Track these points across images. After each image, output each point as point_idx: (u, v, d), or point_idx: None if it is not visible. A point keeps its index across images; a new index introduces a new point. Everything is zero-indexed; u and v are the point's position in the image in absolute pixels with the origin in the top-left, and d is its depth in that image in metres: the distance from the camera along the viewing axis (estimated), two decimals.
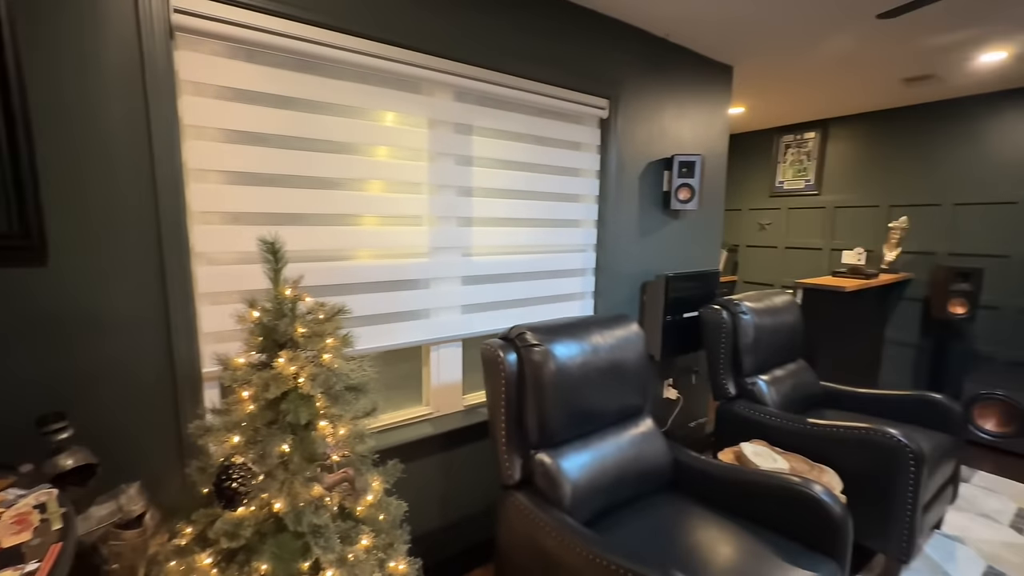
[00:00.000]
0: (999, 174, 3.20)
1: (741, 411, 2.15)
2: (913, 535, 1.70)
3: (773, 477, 1.49)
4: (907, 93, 3.28)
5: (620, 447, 1.56)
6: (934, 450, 1.89)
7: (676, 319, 2.46)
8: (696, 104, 2.61)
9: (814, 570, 1.26)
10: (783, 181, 4.35)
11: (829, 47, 2.46)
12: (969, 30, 2.24)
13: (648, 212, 2.46)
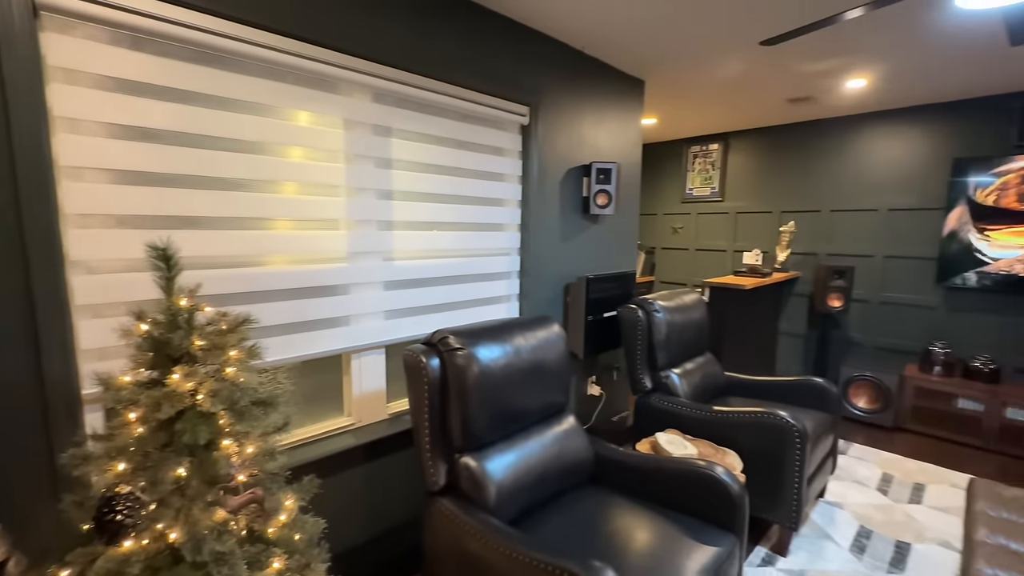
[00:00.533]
0: (864, 185, 3.70)
1: (656, 403, 2.29)
2: (801, 505, 1.92)
3: (683, 463, 1.61)
4: (791, 112, 3.69)
5: (544, 445, 1.61)
6: (816, 428, 2.13)
7: (597, 319, 2.58)
8: (612, 114, 2.76)
9: (717, 545, 1.38)
10: (692, 188, 4.71)
11: (725, 68, 2.71)
12: (837, 59, 2.57)
13: (569, 216, 2.56)
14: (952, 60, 2.55)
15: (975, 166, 3.14)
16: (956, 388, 3.06)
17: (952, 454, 2.93)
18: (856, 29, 2.18)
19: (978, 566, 1.33)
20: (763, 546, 2.04)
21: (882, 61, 2.59)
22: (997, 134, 3.14)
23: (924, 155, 3.42)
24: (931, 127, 3.39)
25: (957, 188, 3.21)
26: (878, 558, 1.98)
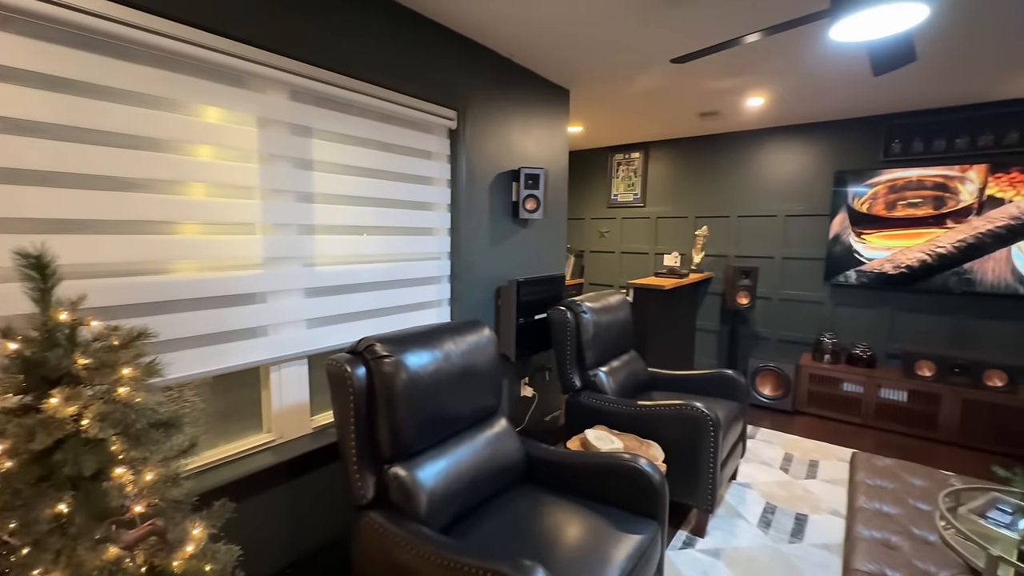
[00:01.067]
0: (764, 193, 4.09)
1: (585, 401, 2.38)
2: (716, 488, 2.07)
3: (609, 457, 1.68)
4: (703, 125, 4.00)
5: (475, 449, 1.61)
6: (728, 416, 2.32)
7: (528, 321, 2.63)
8: (539, 121, 2.83)
9: (641, 533, 1.46)
10: (617, 194, 4.94)
11: (642, 82, 2.88)
12: (739, 78, 2.83)
13: (499, 221, 2.59)
14: (831, 84, 2.89)
15: (852, 178, 3.58)
16: (842, 374, 3.46)
17: (840, 432, 3.31)
18: (754, 53, 2.41)
19: (858, 529, 1.52)
20: (684, 530, 2.18)
21: (775, 82, 2.88)
22: (868, 150, 3.61)
23: (812, 167, 3.85)
24: (817, 143, 3.82)
25: (839, 197, 3.64)
26: (781, 530, 2.19)
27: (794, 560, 1.98)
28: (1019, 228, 3.07)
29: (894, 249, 3.47)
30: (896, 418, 3.28)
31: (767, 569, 1.93)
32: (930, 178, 3.31)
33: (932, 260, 3.34)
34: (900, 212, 3.43)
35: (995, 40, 2.24)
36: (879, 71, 1.85)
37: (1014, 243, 3.09)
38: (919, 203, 3.36)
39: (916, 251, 3.39)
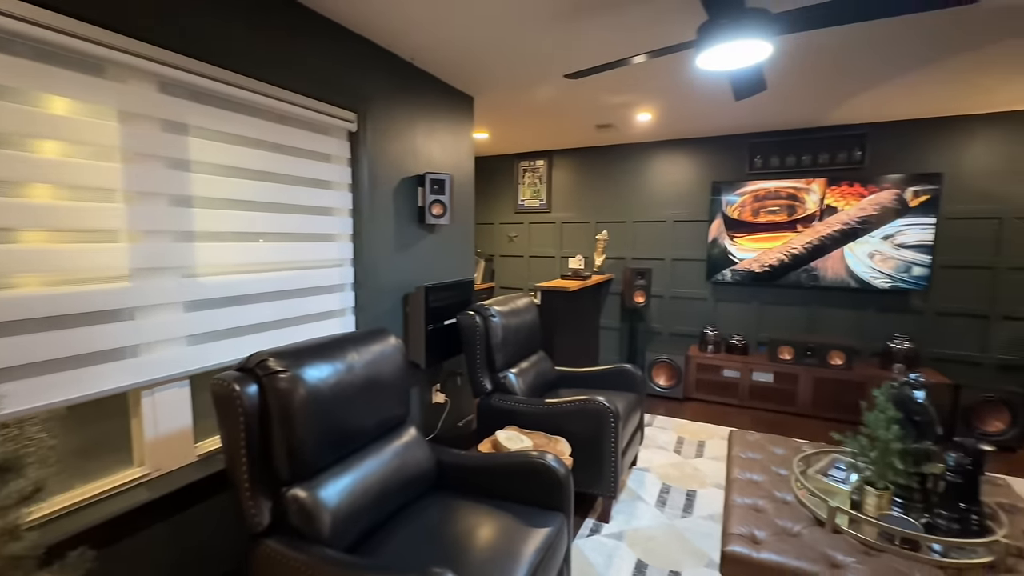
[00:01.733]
0: (656, 200, 4.48)
1: (496, 403, 2.42)
2: (617, 475, 2.23)
3: (518, 456, 1.73)
4: (600, 136, 4.28)
5: (383, 462, 1.57)
6: (627, 407, 2.50)
7: (438, 327, 2.61)
8: (444, 127, 2.83)
9: (548, 525, 1.52)
10: (524, 200, 5.10)
11: (542, 93, 3.01)
12: (629, 95, 3.07)
13: (405, 226, 2.55)
14: (705, 105, 3.26)
15: (725, 188, 4.06)
16: (722, 361, 3.90)
17: (723, 413, 3.73)
18: (641, 73, 2.64)
19: (733, 498, 1.72)
20: (591, 518, 2.31)
21: (660, 100, 3.17)
22: (737, 164, 4.11)
23: (694, 178, 4.29)
24: (697, 156, 4.27)
25: (715, 204, 4.10)
26: (675, 507, 2.41)
27: (685, 533, 2.20)
28: (849, 232, 3.70)
29: (759, 250, 3.98)
30: (765, 397, 3.77)
31: (663, 544, 2.11)
32: (784, 189, 3.86)
33: (788, 259, 3.89)
34: (763, 218, 3.95)
35: (824, 77, 2.69)
36: (739, 96, 2.12)
37: (845, 245, 3.71)
38: (777, 210, 3.90)
39: (776, 252, 3.93)
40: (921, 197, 3.47)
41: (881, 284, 3.63)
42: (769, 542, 1.47)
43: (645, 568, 1.96)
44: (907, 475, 1.51)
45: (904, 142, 3.61)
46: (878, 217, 3.60)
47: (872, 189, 3.60)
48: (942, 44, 2.25)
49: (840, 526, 1.51)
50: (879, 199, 3.60)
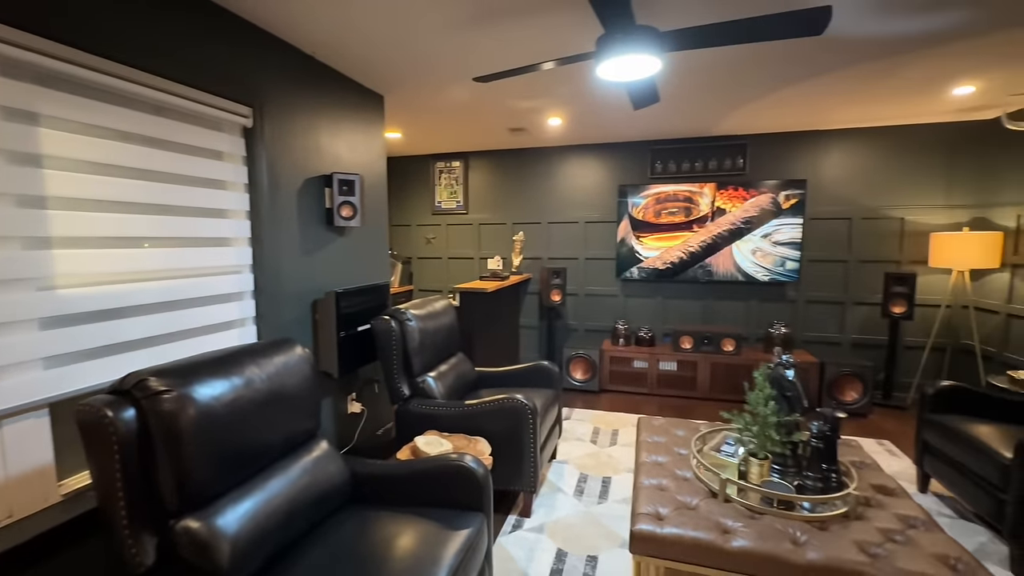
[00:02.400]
0: (569, 202, 4.66)
1: (415, 408, 2.38)
2: (537, 470, 2.29)
3: (436, 460, 1.72)
4: (514, 139, 4.36)
5: (290, 479, 1.47)
6: (545, 403, 2.58)
7: (351, 334, 2.51)
8: (352, 125, 2.72)
9: (468, 527, 1.53)
10: (441, 201, 5.05)
11: (453, 95, 3.01)
12: (540, 100, 3.17)
13: (312, 229, 2.41)
14: (610, 113, 3.45)
15: (631, 190, 4.33)
16: (632, 353, 4.16)
17: (634, 402, 3.98)
18: (549, 79, 2.73)
19: (640, 480, 1.85)
20: (513, 514, 2.35)
21: (568, 106, 3.31)
22: (640, 169, 4.41)
23: (603, 181, 4.53)
24: (605, 160, 4.51)
25: (622, 206, 4.37)
26: (592, 495, 2.53)
27: (601, 518, 2.31)
28: (736, 231, 4.12)
29: (662, 249, 4.30)
30: (671, 384, 4.08)
31: (581, 531, 2.21)
32: (681, 192, 4.21)
33: (686, 257, 4.25)
34: (664, 219, 4.28)
35: (710, 92, 2.97)
36: (636, 106, 2.28)
37: (733, 243, 4.14)
38: (675, 212, 4.25)
39: (676, 250, 4.28)
40: (791, 200, 3.97)
41: (762, 277, 4.09)
42: (671, 517, 1.59)
43: (565, 556, 2.03)
44: (781, 444, 1.72)
45: (777, 152, 4.10)
46: (758, 218, 4.06)
47: (753, 193, 4.05)
48: (799, 68, 2.58)
49: (730, 496, 1.68)
50: (759, 202, 4.05)
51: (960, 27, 2.08)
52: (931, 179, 3.80)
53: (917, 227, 3.86)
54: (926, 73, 2.66)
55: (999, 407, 2.39)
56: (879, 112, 3.47)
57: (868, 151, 3.91)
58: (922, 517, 1.58)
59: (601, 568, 1.96)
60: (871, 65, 2.54)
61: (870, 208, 3.94)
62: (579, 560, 2.01)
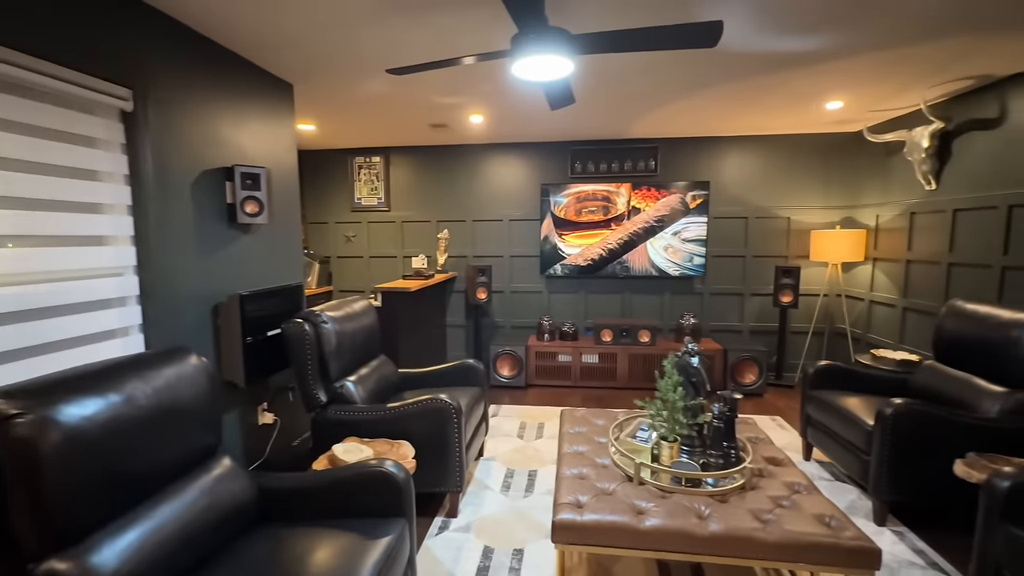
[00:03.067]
0: (493, 200, 4.68)
1: (333, 415, 2.26)
2: (463, 469, 2.28)
3: (355, 467, 1.65)
4: (436, 135, 4.29)
5: (185, 503, 1.34)
6: (470, 401, 2.57)
7: (259, 339, 2.33)
8: (258, 115, 2.52)
9: (388, 534, 1.48)
10: (361, 198, 4.85)
11: (369, 88, 2.89)
12: (460, 96, 3.14)
13: (211, 226, 2.20)
14: (530, 112, 3.51)
15: (553, 189, 4.44)
16: (557, 348, 4.27)
17: (559, 395, 4.09)
18: (468, 76, 2.71)
19: (563, 470, 1.91)
20: (440, 515, 2.32)
21: (489, 104, 3.31)
22: (561, 168, 4.53)
23: (526, 179, 4.60)
24: (528, 159, 4.58)
25: (545, 205, 4.47)
26: (518, 489, 2.56)
27: (527, 511, 2.35)
28: (649, 229, 4.38)
29: (583, 246, 4.46)
30: (593, 376, 4.25)
31: (508, 526, 2.23)
32: (600, 192, 4.39)
33: (605, 254, 4.44)
34: (584, 217, 4.43)
35: (624, 96, 3.12)
36: (553, 107, 2.33)
37: (647, 240, 4.39)
38: (595, 211, 4.42)
39: (596, 247, 4.45)
40: (697, 200, 4.29)
41: (674, 272, 4.39)
42: (590, 504, 1.66)
43: (491, 553, 2.04)
44: (688, 427, 1.86)
45: (685, 155, 4.41)
46: (669, 216, 4.34)
47: (664, 193, 4.32)
48: (700, 77, 2.79)
49: (644, 478, 1.78)
50: (669, 202, 4.33)
51: (831, 50, 2.37)
52: (811, 183, 4.30)
53: (800, 225, 4.34)
54: (805, 89, 2.99)
55: (865, 381, 2.76)
56: (768, 122, 3.85)
57: (760, 157, 4.33)
58: (804, 483, 1.78)
59: (527, 560, 1.99)
60: (760, 79, 2.81)
61: (762, 208, 4.37)
62: (505, 555, 2.03)
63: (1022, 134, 2.68)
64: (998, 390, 2.21)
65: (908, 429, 2.12)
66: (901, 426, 2.12)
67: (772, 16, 2.00)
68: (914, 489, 2.15)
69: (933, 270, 3.30)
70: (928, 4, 1.90)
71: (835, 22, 2.06)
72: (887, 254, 3.79)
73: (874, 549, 1.45)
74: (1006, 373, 2.20)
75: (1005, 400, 2.15)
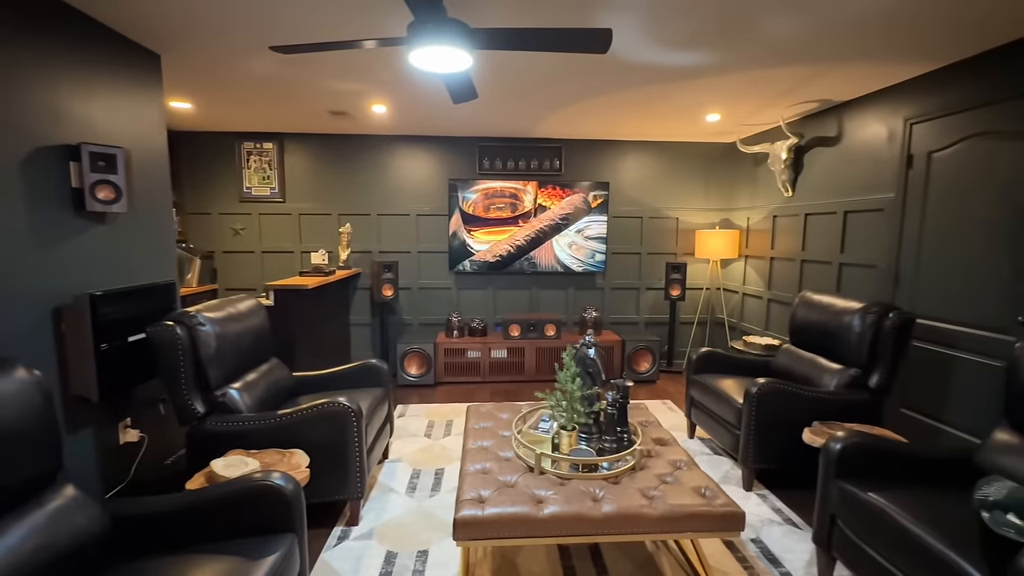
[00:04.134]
0: (399, 194, 4.53)
1: (213, 427, 2.04)
2: (364, 474, 2.18)
3: (236, 483, 1.49)
4: (337, 123, 4.05)
5: (8, 547, 1.11)
6: (372, 403, 2.47)
7: (119, 345, 2.03)
8: (113, 87, 2.18)
9: (273, 552, 1.36)
10: (250, 187, 4.43)
11: (255, 66, 2.64)
12: (357, 84, 2.98)
13: (51, 214, 1.86)
14: (435, 105, 3.44)
15: (461, 185, 4.41)
16: (466, 344, 4.26)
17: (469, 392, 4.09)
18: (366, 62, 2.58)
19: (467, 466, 1.90)
20: (340, 525, 2.20)
21: (391, 94, 3.19)
22: (469, 164, 4.52)
23: (433, 173, 4.52)
24: (435, 153, 4.50)
25: (453, 200, 4.43)
26: (424, 489, 2.51)
27: (433, 510, 2.32)
28: (555, 227, 4.53)
29: (492, 242, 4.49)
30: (502, 371, 4.31)
31: (413, 528, 2.18)
32: (508, 189, 4.45)
33: (513, 250, 4.52)
34: (493, 214, 4.47)
35: (527, 95, 3.18)
36: (455, 100, 2.31)
37: (553, 237, 4.54)
38: (503, 207, 4.47)
39: (504, 244, 4.51)
40: (598, 200, 4.52)
41: (577, 268, 4.59)
42: (492, 498, 1.67)
43: (395, 557, 1.98)
44: (586, 415, 1.95)
45: (587, 156, 4.62)
46: (573, 215, 4.53)
47: (568, 192, 4.49)
48: (597, 82, 2.94)
49: (545, 468, 1.84)
50: (573, 200, 4.52)
51: (706, 67, 2.61)
52: (695, 187, 4.73)
53: (687, 225, 4.77)
54: (688, 101, 3.28)
55: (738, 365, 3.11)
56: (659, 129, 4.17)
57: (654, 161, 4.67)
58: (686, 459, 1.95)
59: (432, 560, 1.96)
60: (649, 89, 3.02)
61: (655, 208, 4.73)
62: (409, 558, 1.98)
63: (854, 151, 3.18)
64: (835, 367, 2.61)
65: (769, 405, 2.42)
66: (763, 403, 2.42)
67: (654, 32, 2.15)
68: (775, 457, 2.46)
69: (790, 266, 3.81)
70: (781, 34, 2.17)
71: (707, 42, 2.27)
72: (756, 252, 4.30)
73: (739, 513, 1.63)
74: (841, 353, 2.61)
75: (840, 376, 2.55)
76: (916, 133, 2.72)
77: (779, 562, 1.96)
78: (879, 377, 2.46)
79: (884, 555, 1.55)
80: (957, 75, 2.48)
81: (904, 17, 1.99)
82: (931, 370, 2.63)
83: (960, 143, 2.47)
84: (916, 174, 2.72)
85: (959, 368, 2.48)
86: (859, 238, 3.13)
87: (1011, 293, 2.23)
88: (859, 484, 1.69)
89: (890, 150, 2.89)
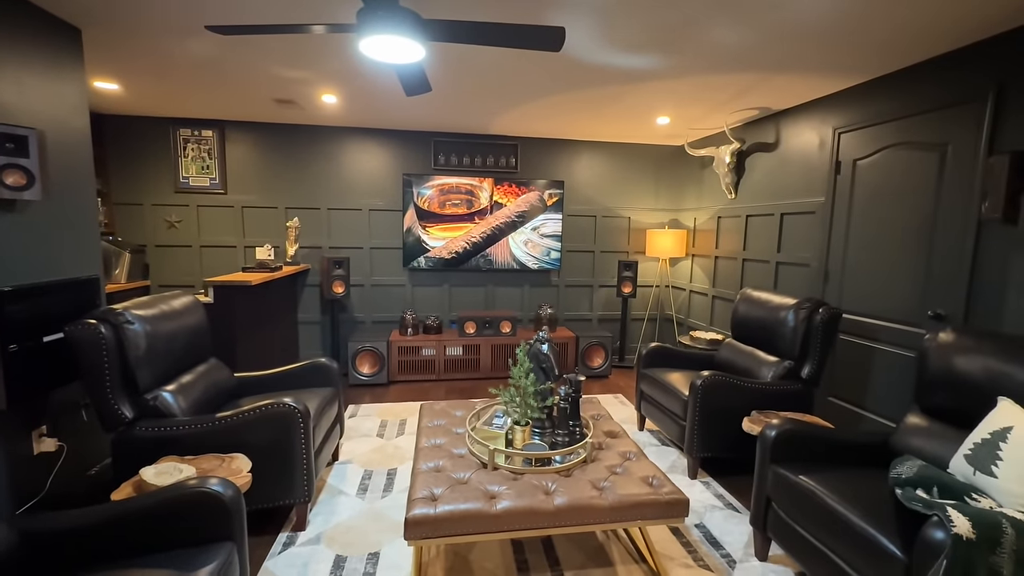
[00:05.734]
0: (351, 188, 4.39)
1: (143, 433, 1.90)
2: (312, 477, 2.10)
3: (166, 492, 1.40)
4: (283, 113, 3.86)
5: None
6: (321, 403, 2.38)
7: (32, 346, 1.85)
8: (24, 62, 1.98)
9: (210, 563, 1.29)
10: (188, 177, 4.15)
11: (192, 47, 2.47)
12: (304, 72, 2.86)
13: None
14: (388, 97, 3.35)
15: (416, 180, 4.33)
16: (420, 342, 4.20)
17: (423, 390, 4.03)
18: (314, 49, 2.47)
19: (419, 465, 1.87)
20: (285, 531, 2.11)
21: (341, 84, 3.08)
22: (424, 159, 4.45)
23: (387, 168, 4.41)
24: (389, 147, 4.39)
25: (408, 196, 4.34)
26: (376, 490, 2.46)
27: (384, 511, 2.27)
28: (511, 224, 4.54)
29: (448, 239, 4.45)
30: (457, 368, 4.28)
31: (363, 530, 2.12)
32: (464, 185, 4.41)
33: (469, 247, 4.49)
34: (448, 210, 4.42)
35: (482, 91, 3.17)
36: (408, 93, 2.26)
37: (509, 234, 4.55)
38: (459, 204, 4.43)
39: (461, 240, 4.47)
40: (554, 198, 4.57)
41: (533, 265, 4.62)
42: (445, 496, 1.65)
43: (344, 561, 1.92)
44: (539, 410, 1.97)
45: (542, 154, 4.65)
46: (529, 212, 4.55)
47: (524, 190, 4.51)
48: (552, 83, 2.96)
49: (498, 463, 1.84)
50: (529, 198, 4.54)
51: (656, 71, 2.69)
52: (646, 188, 4.88)
53: (639, 225, 4.91)
54: (638, 103, 3.37)
55: (685, 359, 3.24)
56: (611, 130, 4.26)
57: (607, 161, 4.78)
58: (635, 450, 2.01)
59: (384, 562, 1.92)
60: (602, 90, 3.08)
61: (608, 208, 4.84)
62: (360, 561, 1.92)
63: (790, 157, 3.39)
64: (772, 359, 2.78)
65: (712, 396, 2.54)
66: (707, 394, 2.54)
67: (607, 33, 2.20)
68: (718, 445, 2.59)
69: (732, 264, 4.01)
70: (726, 43, 2.27)
71: (658, 47, 2.35)
72: (702, 251, 4.49)
73: (684, 500, 1.70)
74: (777, 346, 2.78)
75: (776, 367, 2.71)
76: (843, 141, 2.93)
77: (720, 544, 2.07)
78: (810, 368, 2.63)
79: (812, 533, 1.66)
80: (880, 89, 2.69)
81: (838, 33, 2.14)
82: (855, 361, 2.85)
83: (881, 152, 2.69)
84: (843, 180, 2.93)
85: (879, 359, 2.70)
86: (794, 238, 3.34)
87: (922, 290, 2.45)
88: (791, 468, 1.81)
89: (821, 157, 3.10)
